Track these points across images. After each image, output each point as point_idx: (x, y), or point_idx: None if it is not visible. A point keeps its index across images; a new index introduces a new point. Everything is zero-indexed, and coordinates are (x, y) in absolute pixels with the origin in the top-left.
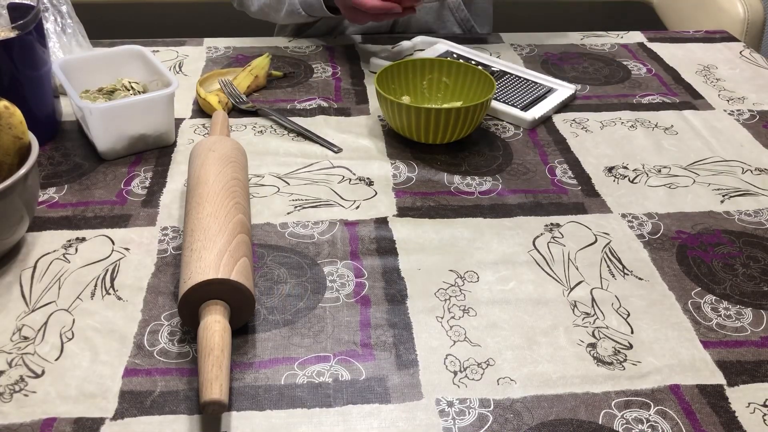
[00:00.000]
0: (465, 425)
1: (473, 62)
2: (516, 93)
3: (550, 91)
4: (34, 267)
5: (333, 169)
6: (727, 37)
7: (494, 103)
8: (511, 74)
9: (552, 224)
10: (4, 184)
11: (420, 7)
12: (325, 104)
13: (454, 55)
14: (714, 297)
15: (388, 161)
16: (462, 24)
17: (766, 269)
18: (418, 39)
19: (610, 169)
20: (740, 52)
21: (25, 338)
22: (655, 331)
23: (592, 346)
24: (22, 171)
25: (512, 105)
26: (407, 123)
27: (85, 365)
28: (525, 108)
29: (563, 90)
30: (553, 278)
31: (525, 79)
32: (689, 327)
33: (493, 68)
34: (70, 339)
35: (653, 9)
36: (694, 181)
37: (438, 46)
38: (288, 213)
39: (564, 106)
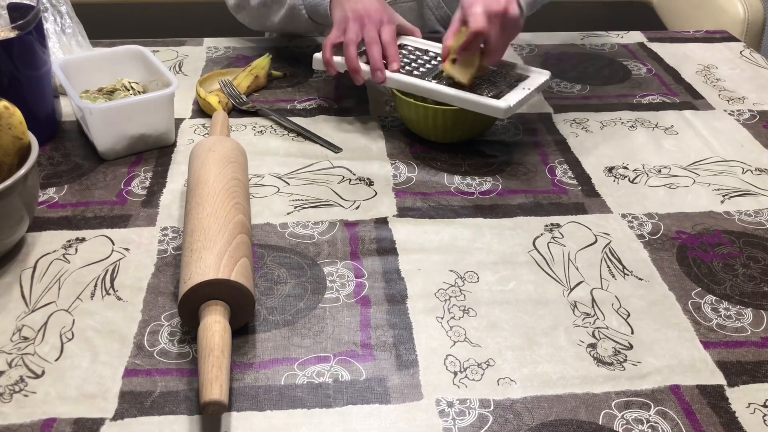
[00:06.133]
0: (465, 426)
1: (431, 53)
2: (484, 82)
3: (522, 78)
4: (34, 267)
5: (333, 169)
6: (727, 37)
7: (462, 94)
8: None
9: (552, 224)
10: (4, 184)
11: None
12: (325, 104)
13: (408, 46)
14: (714, 297)
15: (388, 161)
16: (442, 22)
17: (766, 269)
18: None
19: (610, 169)
20: (740, 52)
21: (25, 338)
22: (655, 332)
23: (592, 346)
24: (22, 171)
25: (482, 95)
26: (424, 122)
27: (85, 365)
28: (497, 97)
29: (537, 76)
30: (553, 278)
31: (492, 67)
32: (689, 327)
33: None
34: (70, 339)
35: (653, 9)
36: (694, 181)
37: None
38: (288, 213)
39: (540, 93)
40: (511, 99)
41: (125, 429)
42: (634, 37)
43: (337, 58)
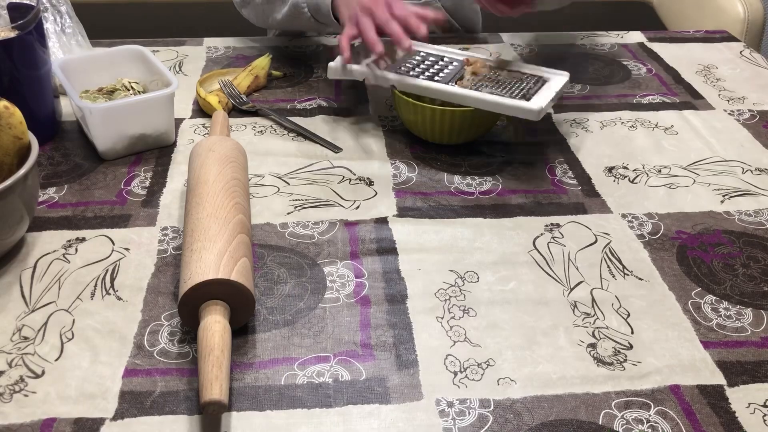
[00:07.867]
0: (465, 425)
1: (447, 58)
2: (506, 85)
3: (541, 80)
4: (34, 267)
5: (333, 169)
6: (727, 37)
7: (494, 98)
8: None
9: (552, 224)
10: (4, 184)
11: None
12: (325, 104)
13: (421, 52)
14: (714, 297)
15: (388, 161)
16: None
17: (766, 269)
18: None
19: (610, 169)
20: (740, 52)
21: (25, 338)
22: (655, 332)
23: (592, 346)
24: (22, 171)
25: (511, 97)
26: (422, 123)
27: (85, 365)
28: (525, 99)
29: (557, 77)
30: (553, 278)
31: (514, 71)
32: (689, 327)
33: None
34: (70, 339)
35: (653, 9)
36: (694, 181)
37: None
38: (288, 213)
39: (562, 96)
40: (542, 100)
41: (125, 429)
42: (634, 37)
43: (356, 67)
